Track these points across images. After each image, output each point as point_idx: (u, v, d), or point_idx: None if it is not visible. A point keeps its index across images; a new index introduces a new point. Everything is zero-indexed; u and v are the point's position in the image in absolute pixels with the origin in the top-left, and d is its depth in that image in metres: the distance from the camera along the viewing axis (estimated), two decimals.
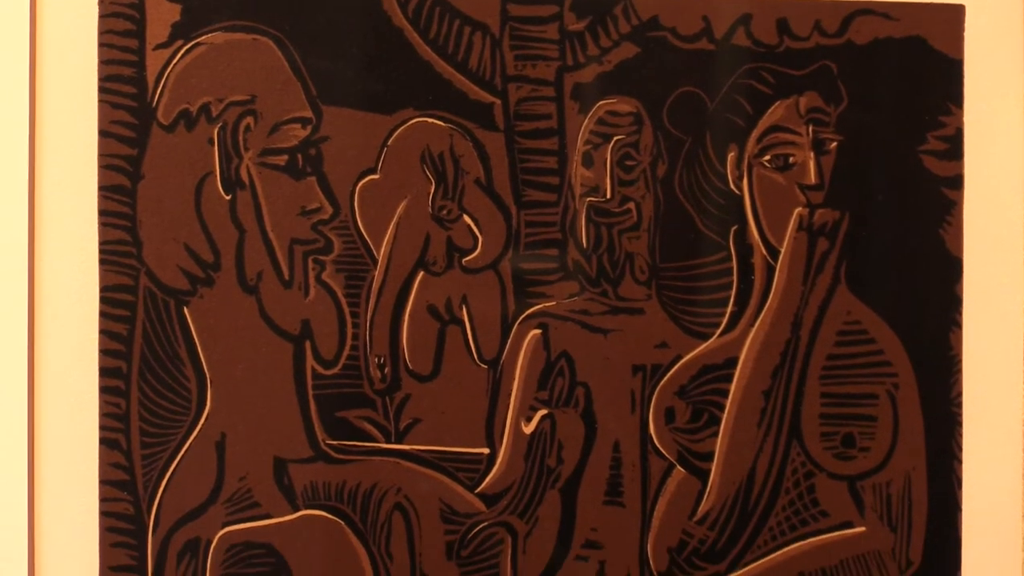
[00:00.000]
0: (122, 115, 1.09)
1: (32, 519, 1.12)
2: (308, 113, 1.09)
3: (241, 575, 1.10)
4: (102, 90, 1.09)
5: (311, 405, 1.10)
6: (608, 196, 1.09)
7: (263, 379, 1.10)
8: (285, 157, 1.09)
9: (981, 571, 1.09)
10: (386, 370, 1.10)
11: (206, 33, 1.08)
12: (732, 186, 1.09)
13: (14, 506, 1.11)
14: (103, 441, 1.10)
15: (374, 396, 1.10)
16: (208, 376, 1.10)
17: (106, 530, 1.10)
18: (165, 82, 1.09)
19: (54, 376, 1.11)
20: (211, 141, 1.09)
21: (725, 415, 1.09)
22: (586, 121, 1.09)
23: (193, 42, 1.08)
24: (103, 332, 1.10)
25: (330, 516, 1.10)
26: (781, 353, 1.09)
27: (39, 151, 1.11)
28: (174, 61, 1.08)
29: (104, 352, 1.10)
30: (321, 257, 1.10)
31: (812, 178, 1.09)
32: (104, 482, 1.10)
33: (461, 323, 1.09)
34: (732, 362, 1.09)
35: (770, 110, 1.09)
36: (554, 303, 1.09)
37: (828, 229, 1.09)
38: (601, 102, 1.09)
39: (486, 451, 1.10)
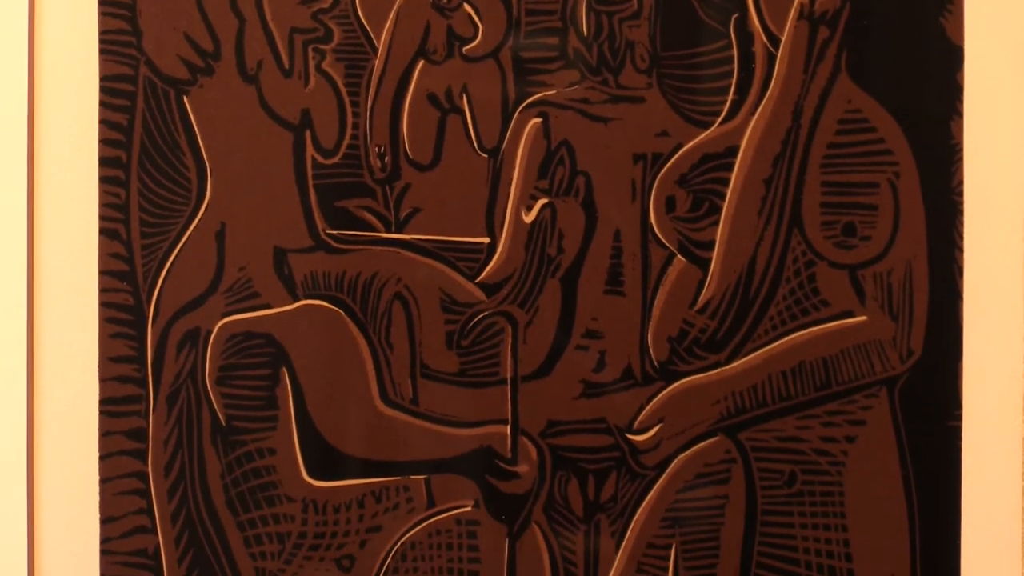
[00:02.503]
0: None
1: (31, 309, 1.11)
2: None
3: (241, 365, 1.10)
4: None
5: (311, 194, 1.10)
6: None
7: (263, 168, 1.10)
8: None
9: (983, 359, 1.09)
10: (386, 159, 1.09)
11: None
12: None
13: (13, 292, 1.11)
14: (103, 231, 1.10)
15: (374, 185, 1.10)
16: (208, 165, 1.10)
17: (105, 320, 1.10)
18: None
19: (54, 166, 1.11)
20: None
21: (726, 204, 1.09)
22: None
23: None
24: (103, 122, 1.10)
25: (330, 306, 1.10)
26: (782, 141, 1.09)
27: None
28: None
29: (104, 142, 1.10)
30: (321, 46, 1.09)
31: None
32: (104, 272, 1.10)
33: (461, 112, 1.09)
34: (733, 150, 1.09)
35: None
36: (554, 91, 1.09)
37: (829, 17, 1.08)
38: None
39: (486, 240, 1.09)
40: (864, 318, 1.09)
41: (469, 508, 1.10)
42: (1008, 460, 1.09)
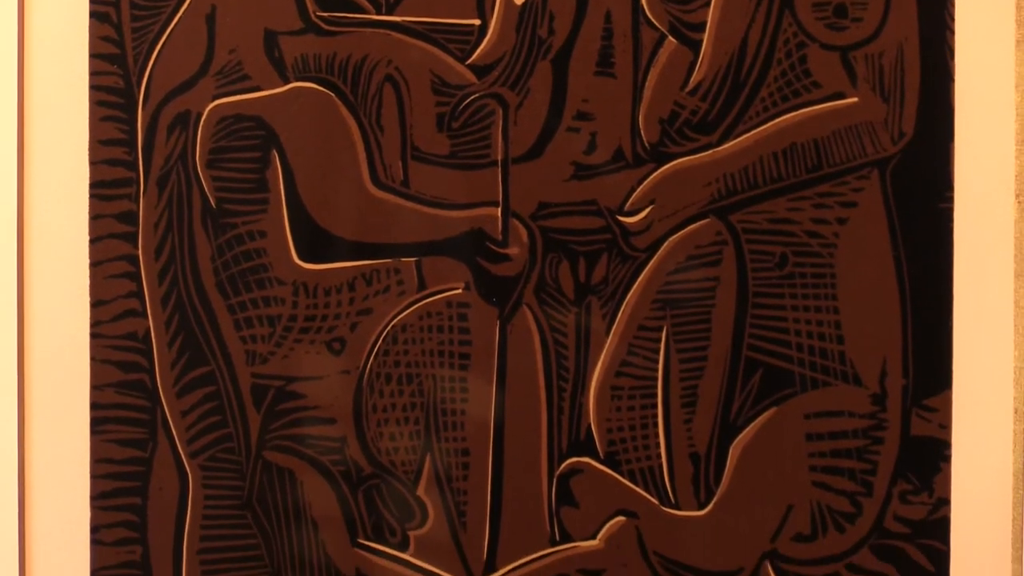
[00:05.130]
0: None
1: (21, 92, 1.11)
2: None
3: (231, 148, 1.10)
4: None
5: None
6: None
7: None
8: None
9: (974, 140, 1.09)
10: None
11: None
12: None
13: (3, 75, 1.11)
14: (93, 14, 1.10)
15: None
16: None
17: (96, 104, 1.10)
18: None
19: None
20: None
21: None
22: None
23: None
24: None
25: (320, 88, 1.10)
26: None
27: None
28: None
29: None
30: None
31: None
32: (94, 56, 1.10)
33: None
34: None
35: None
36: None
37: None
38: None
39: (477, 22, 1.09)
40: (855, 100, 1.09)
41: (460, 290, 1.10)
42: (999, 240, 1.09)
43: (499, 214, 1.09)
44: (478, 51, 1.09)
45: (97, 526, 1.10)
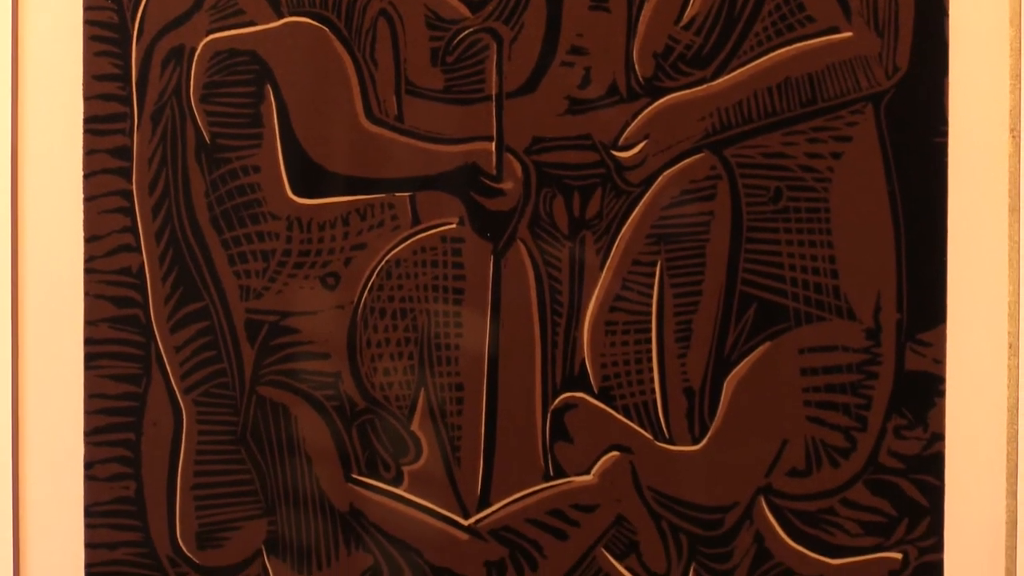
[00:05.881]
0: None
1: (15, 28, 1.11)
2: None
3: (225, 82, 1.10)
4: None
5: None
6: None
7: None
8: None
9: (968, 75, 1.08)
10: None
11: None
12: None
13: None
14: None
15: None
16: None
17: (90, 39, 1.10)
18: None
19: None
20: None
21: None
22: None
23: None
24: None
25: (314, 23, 1.10)
26: None
27: None
28: None
29: None
30: None
31: None
32: None
33: None
34: None
35: None
36: None
37: None
38: None
39: None
40: (850, 34, 1.09)
41: (454, 225, 1.09)
42: (993, 174, 1.08)
43: (493, 149, 1.09)
44: None
45: (91, 462, 1.10)
